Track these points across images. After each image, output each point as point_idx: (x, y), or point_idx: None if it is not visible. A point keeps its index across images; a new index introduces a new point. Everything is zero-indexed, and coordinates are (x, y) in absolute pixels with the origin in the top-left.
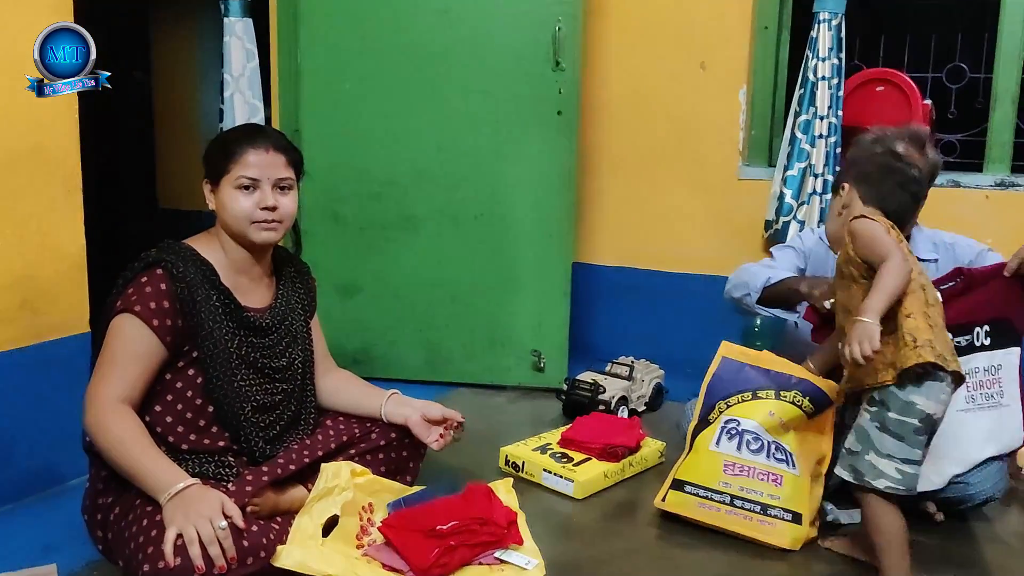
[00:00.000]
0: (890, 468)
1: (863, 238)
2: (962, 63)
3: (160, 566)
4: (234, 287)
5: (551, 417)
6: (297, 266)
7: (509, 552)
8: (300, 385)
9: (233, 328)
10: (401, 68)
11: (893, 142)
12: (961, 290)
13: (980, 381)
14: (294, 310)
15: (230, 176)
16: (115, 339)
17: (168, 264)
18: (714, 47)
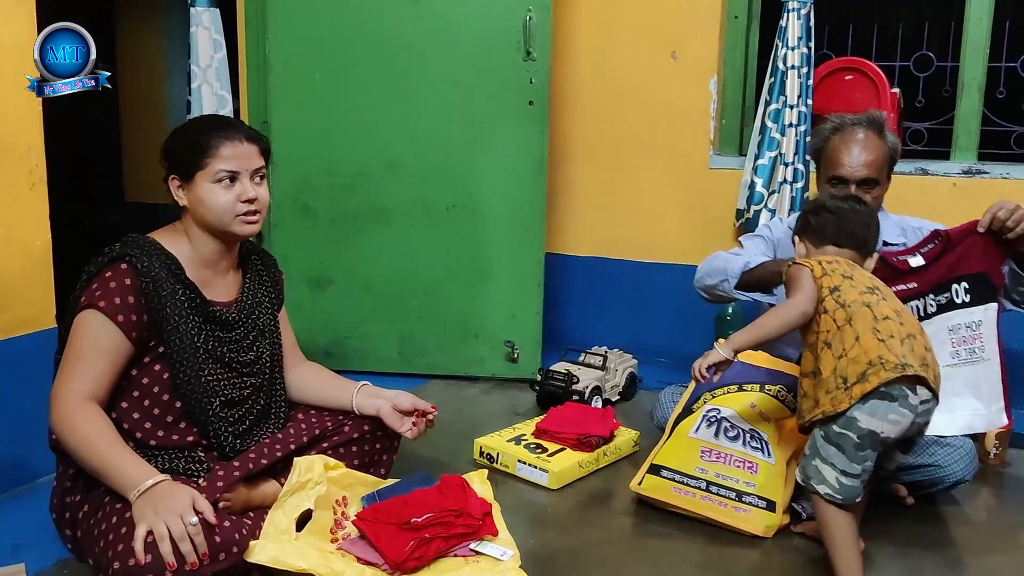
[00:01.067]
0: (831, 476)
1: (788, 283)
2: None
3: (131, 563)
4: (200, 281)
5: (525, 408)
6: (263, 258)
7: (484, 543)
8: (269, 379)
9: (199, 323)
10: (371, 58)
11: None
12: (940, 251)
13: (963, 337)
14: (261, 303)
15: (207, 171)
16: (80, 336)
17: (133, 259)
18: (685, 37)
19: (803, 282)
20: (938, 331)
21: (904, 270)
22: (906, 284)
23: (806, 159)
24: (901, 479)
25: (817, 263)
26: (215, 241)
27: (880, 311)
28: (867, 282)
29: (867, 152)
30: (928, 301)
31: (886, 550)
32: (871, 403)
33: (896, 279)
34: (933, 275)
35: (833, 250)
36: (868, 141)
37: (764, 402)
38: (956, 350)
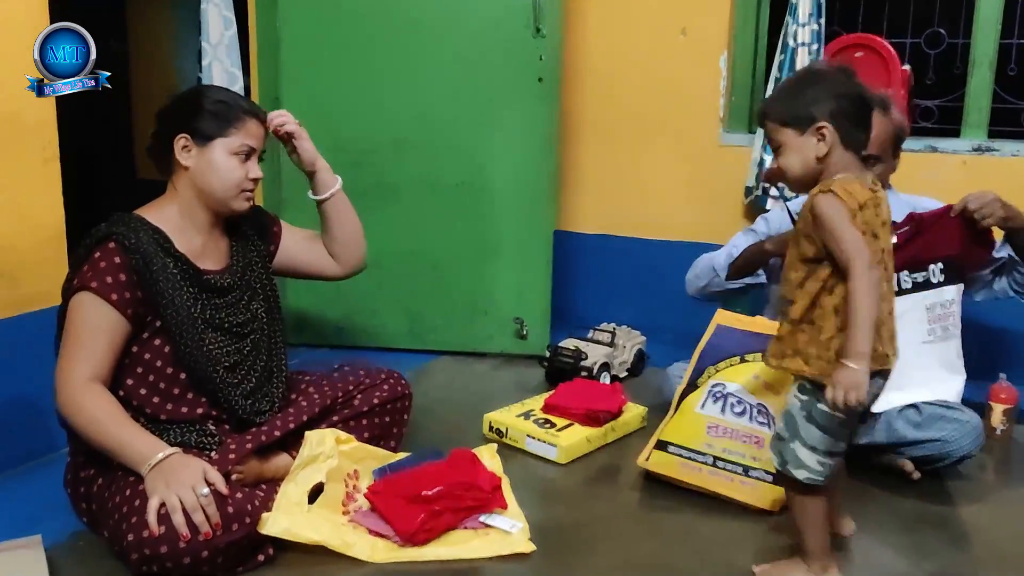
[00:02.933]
0: (812, 460)
1: (828, 225)
2: (940, 28)
3: (144, 535)
4: (189, 251)
5: (534, 384)
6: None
7: (494, 516)
8: (267, 335)
9: (195, 293)
10: (380, 36)
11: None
12: (914, 233)
13: (938, 315)
14: (251, 263)
15: (229, 140)
16: (76, 318)
17: (120, 237)
18: (695, 13)
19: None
20: (915, 308)
21: None
22: None
23: None
24: (907, 453)
25: (858, 207)
26: (208, 212)
27: (882, 288)
28: (885, 241)
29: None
30: (902, 276)
31: (892, 525)
32: None
33: None
34: (908, 256)
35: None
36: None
37: (767, 372)
38: (932, 327)
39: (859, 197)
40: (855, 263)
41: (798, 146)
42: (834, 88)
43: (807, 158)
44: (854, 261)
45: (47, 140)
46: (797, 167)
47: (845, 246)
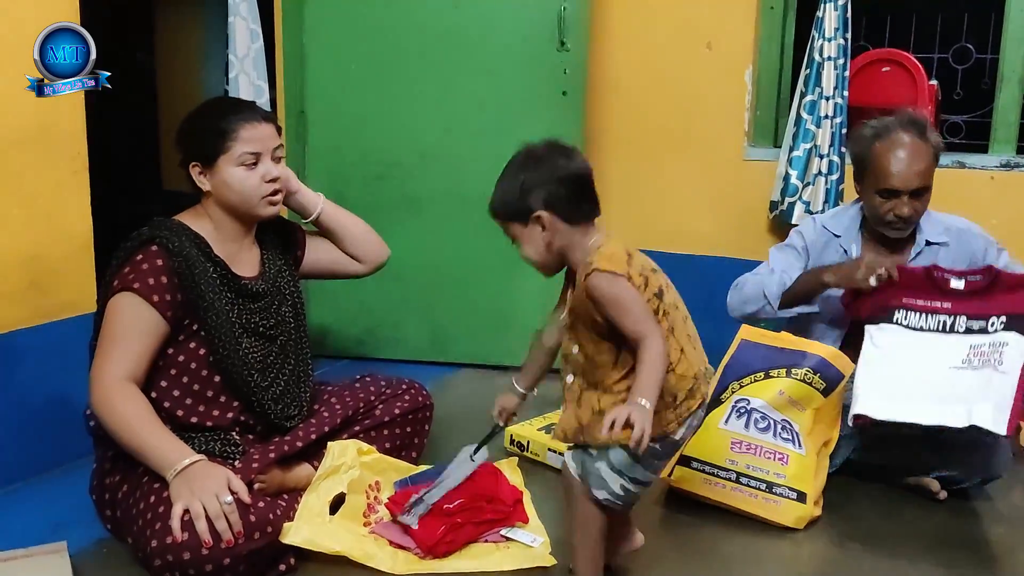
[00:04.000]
0: (616, 484)
1: (614, 305)
2: (968, 43)
3: (168, 541)
4: (226, 257)
5: (555, 397)
6: (273, 224)
7: (515, 530)
8: (295, 338)
9: (232, 298)
10: (406, 49)
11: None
12: (984, 286)
13: (982, 351)
14: (280, 270)
15: (230, 155)
16: (115, 318)
17: (163, 240)
18: (720, 27)
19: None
20: (959, 343)
21: (944, 288)
22: (941, 302)
23: (841, 151)
24: (933, 473)
25: (627, 264)
26: (239, 223)
27: (682, 310)
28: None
29: (917, 160)
30: (958, 320)
31: (918, 545)
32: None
33: (931, 293)
34: (971, 306)
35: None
36: (915, 147)
37: (792, 388)
38: (968, 357)
39: (622, 257)
40: (649, 333)
41: (528, 237)
42: (542, 173)
43: (539, 247)
44: (648, 330)
45: (77, 151)
46: (534, 256)
47: (634, 319)
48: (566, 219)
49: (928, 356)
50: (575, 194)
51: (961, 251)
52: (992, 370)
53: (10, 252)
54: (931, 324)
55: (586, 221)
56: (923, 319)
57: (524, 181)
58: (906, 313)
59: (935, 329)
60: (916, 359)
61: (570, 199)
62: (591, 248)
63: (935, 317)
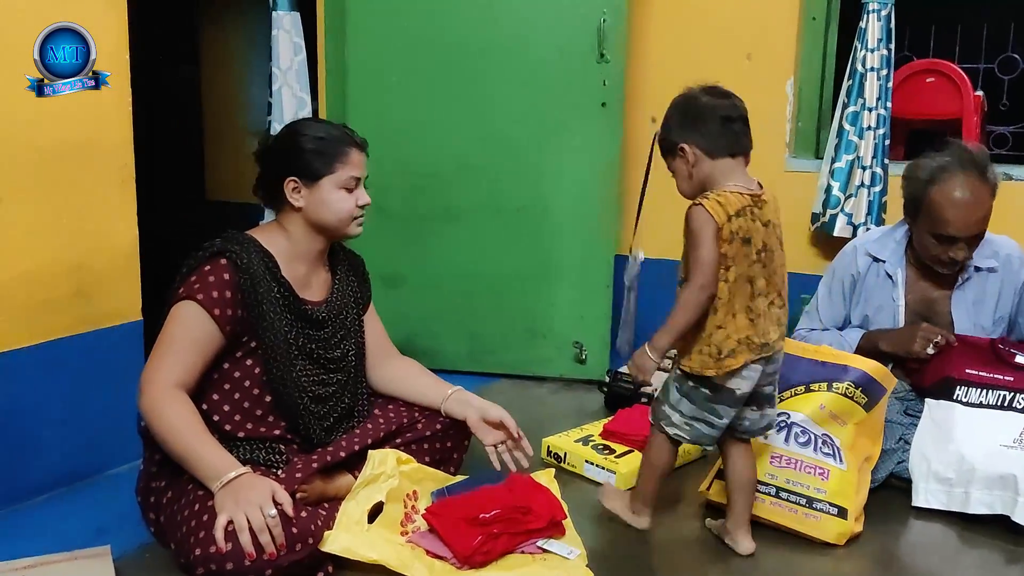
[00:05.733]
0: (680, 420)
1: (690, 235)
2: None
3: (212, 551)
4: (293, 279)
5: (593, 409)
6: (351, 259)
7: (551, 541)
8: (353, 377)
9: (292, 320)
10: (445, 61)
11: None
12: None
13: None
14: (348, 304)
15: (336, 176)
16: (175, 325)
17: (232, 255)
18: (761, 38)
19: (705, 251)
20: (1016, 421)
21: (1009, 362)
22: (1004, 375)
23: (884, 163)
24: None
25: (725, 218)
26: (321, 240)
27: (759, 286)
28: (762, 237)
29: (977, 208)
30: (1019, 398)
31: (963, 564)
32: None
33: (995, 366)
34: None
35: (729, 163)
36: (974, 191)
37: (833, 402)
38: (1021, 438)
39: (731, 207)
40: (694, 278)
41: (676, 169)
42: (681, 109)
43: (683, 177)
44: (694, 276)
45: (124, 162)
46: (682, 186)
47: (696, 260)
48: (707, 152)
49: (982, 434)
50: (715, 129)
51: (1009, 278)
52: None
53: (57, 261)
54: (991, 400)
55: (727, 155)
56: (983, 395)
57: (673, 117)
58: (967, 390)
59: (994, 405)
60: (970, 437)
61: (710, 133)
62: (722, 186)
63: (996, 392)
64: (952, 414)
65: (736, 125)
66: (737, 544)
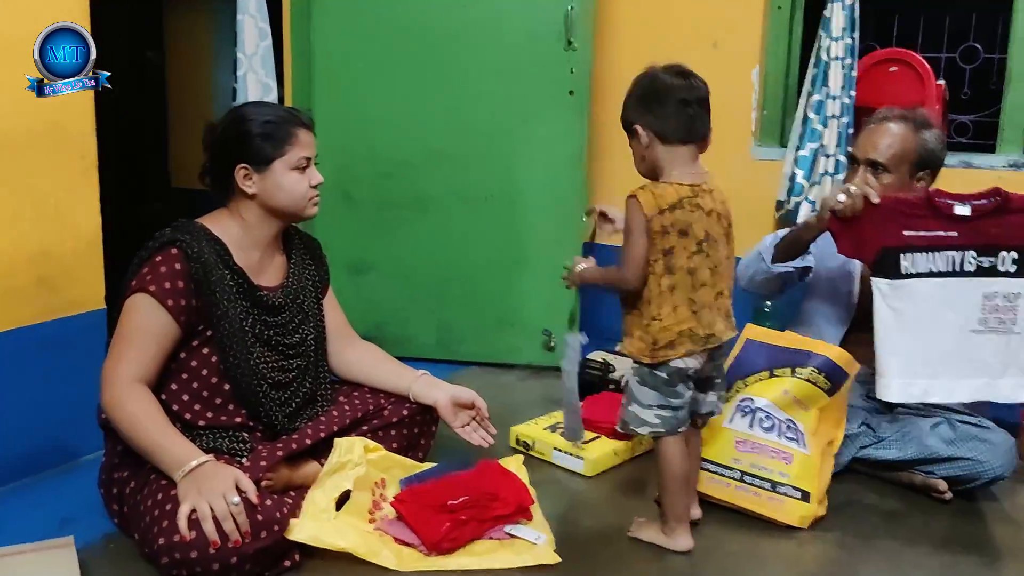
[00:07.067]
0: (649, 415)
1: (625, 227)
2: (976, 43)
3: (175, 539)
4: (247, 266)
5: (561, 396)
6: (306, 242)
7: (519, 527)
8: (314, 362)
9: (247, 307)
10: (414, 48)
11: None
12: (992, 209)
13: (997, 306)
14: (305, 288)
15: (287, 158)
16: (130, 319)
17: (183, 244)
18: (727, 27)
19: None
20: (971, 293)
21: (948, 214)
22: (946, 231)
23: (848, 151)
24: (938, 472)
25: (657, 211)
26: (277, 224)
27: (700, 277)
28: (703, 228)
29: (883, 135)
30: (968, 257)
31: (923, 545)
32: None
33: (938, 222)
34: (980, 234)
35: (681, 150)
36: (892, 129)
37: (797, 387)
38: (985, 317)
39: (666, 199)
40: (622, 269)
41: (632, 148)
42: (640, 88)
43: (636, 158)
44: (623, 267)
45: (86, 148)
46: (637, 166)
47: (624, 254)
48: (659, 136)
49: (945, 318)
50: (670, 112)
51: None
52: (1008, 335)
53: (19, 249)
54: (939, 264)
55: (679, 142)
56: (930, 259)
57: (631, 96)
58: (912, 256)
59: (945, 271)
60: (933, 323)
61: (665, 116)
62: (667, 176)
63: (943, 254)
64: (909, 298)
65: (692, 109)
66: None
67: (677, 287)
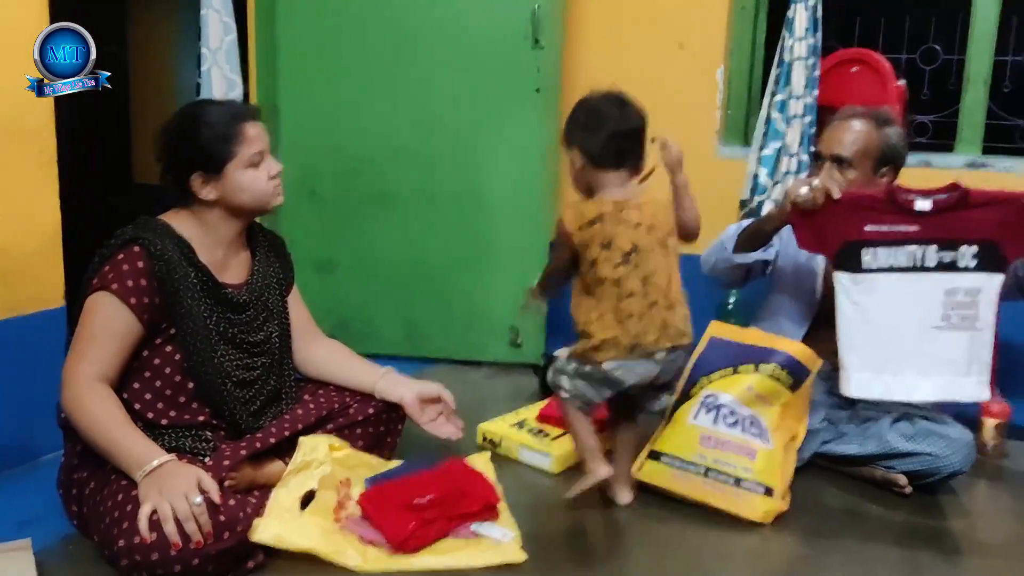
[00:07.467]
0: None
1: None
2: (936, 45)
3: (136, 541)
4: (211, 264)
5: (528, 393)
6: (270, 239)
7: (485, 525)
8: (278, 360)
9: (211, 305)
10: (380, 44)
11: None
12: (952, 203)
13: (959, 302)
14: (269, 285)
15: (239, 158)
16: (92, 317)
17: (146, 242)
18: (692, 27)
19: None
20: (934, 289)
21: (909, 209)
22: (907, 226)
23: (811, 150)
24: (898, 467)
25: (577, 227)
26: (241, 221)
27: (627, 287)
28: (629, 239)
29: (848, 133)
30: (929, 252)
31: (883, 539)
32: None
33: (898, 217)
34: (940, 228)
35: (611, 175)
36: (856, 126)
37: (761, 384)
38: (947, 313)
39: (586, 215)
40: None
41: (568, 166)
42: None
43: (572, 176)
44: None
45: (45, 144)
46: (573, 184)
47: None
48: (591, 161)
49: (907, 314)
50: (601, 142)
51: None
52: (971, 331)
53: None
54: (901, 260)
55: (610, 168)
56: (892, 254)
57: (571, 119)
58: (874, 251)
59: (907, 267)
60: (895, 319)
61: (596, 144)
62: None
63: (904, 249)
64: (871, 292)
65: (624, 141)
66: (618, 496)
67: (604, 297)
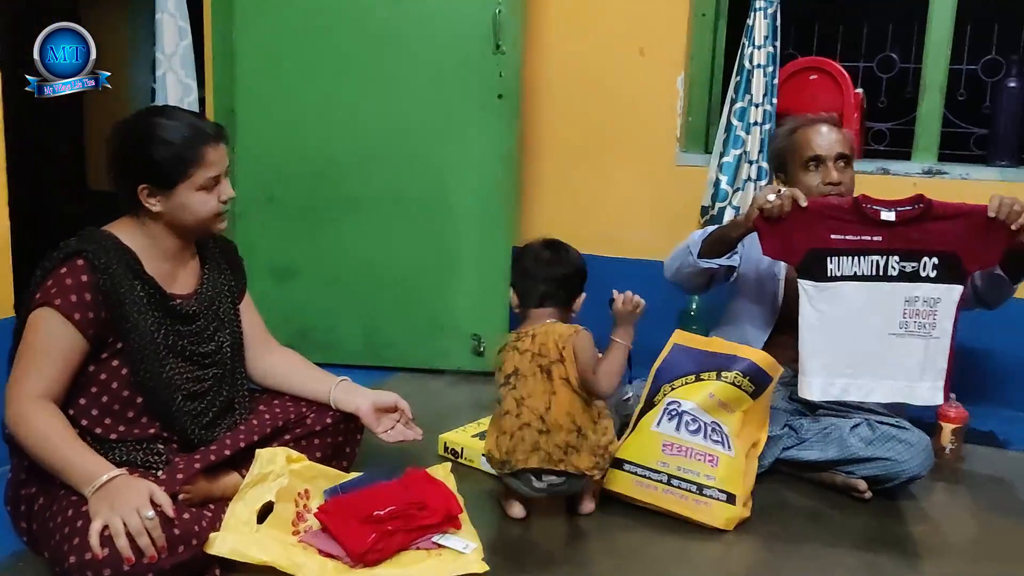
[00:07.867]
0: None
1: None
2: (892, 53)
3: (87, 557)
4: (159, 275)
5: (490, 401)
6: (221, 245)
7: (447, 536)
8: (230, 369)
9: (159, 318)
10: (340, 48)
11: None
12: (916, 215)
13: (917, 310)
14: (220, 293)
15: (192, 180)
16: (35, 334)
17: (89, 255)
18: (653, 33)
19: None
20: (893, 297)
21: (874, 219)
22: (871, 235)
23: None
24: (857, 472)
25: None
26: (181, 240)
27: (505, 407)
28: (513, 364)
29: (836, 133)
30: (891, 262)
31: (844, 544)
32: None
33: (864, 227)
34: (903, 239)
35: (534, 311)
36: (832, 128)
37: (722, 391)
38: (905, 320)
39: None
40: None
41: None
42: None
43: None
44: None
45: None
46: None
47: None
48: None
49: (867, 321)
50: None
51: None
52: (927, 339)
53: None
54: (864, 268)
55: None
56: (856, 263)
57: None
58: (838, 260)
59: (869, 275)
60: (856, 325)
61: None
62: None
63: (867, 258)
64: (834, 300)
65: (547, 287)
66: (580, 505)
67: (495, 414)
